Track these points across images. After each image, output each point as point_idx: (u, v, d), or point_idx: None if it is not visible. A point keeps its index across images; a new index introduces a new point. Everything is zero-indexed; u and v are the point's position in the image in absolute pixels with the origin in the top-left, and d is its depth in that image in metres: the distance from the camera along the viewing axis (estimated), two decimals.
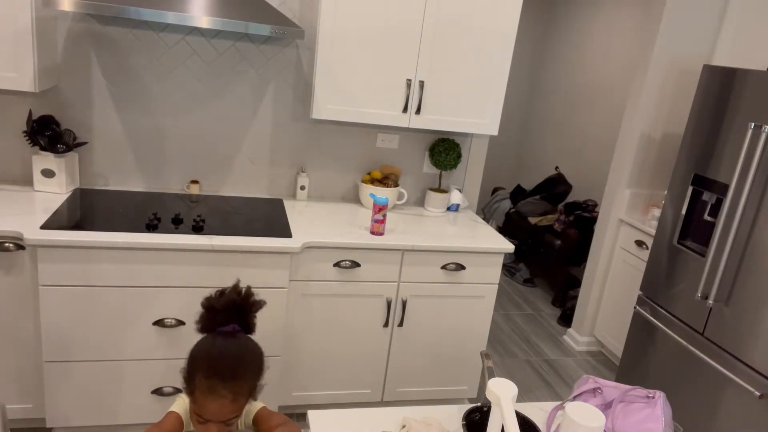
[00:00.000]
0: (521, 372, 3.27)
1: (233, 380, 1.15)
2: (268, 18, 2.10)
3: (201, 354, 1.18)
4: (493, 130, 2.61)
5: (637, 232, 3.23)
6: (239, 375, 1.16)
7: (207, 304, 1.23)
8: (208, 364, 1.16)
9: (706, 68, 2.53)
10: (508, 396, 1.13)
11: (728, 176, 2.38)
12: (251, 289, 1.27)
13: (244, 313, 1.24)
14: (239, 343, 1.21)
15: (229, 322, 1.21)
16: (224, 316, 1.21)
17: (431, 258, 2.42)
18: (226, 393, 1.13)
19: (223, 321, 1.21)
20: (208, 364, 1.16)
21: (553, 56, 5.39)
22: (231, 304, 1.22)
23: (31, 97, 2.39)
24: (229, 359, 1.17)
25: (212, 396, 1.13)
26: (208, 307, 1.22)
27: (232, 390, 1.14)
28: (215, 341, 1.20)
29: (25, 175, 2.47)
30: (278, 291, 2.24)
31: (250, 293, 1.26)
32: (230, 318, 1.22)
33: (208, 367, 1.15)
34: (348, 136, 2.79)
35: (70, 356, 2.10)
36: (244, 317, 1.24)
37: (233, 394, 1.14)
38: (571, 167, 4.93)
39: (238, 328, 1.22)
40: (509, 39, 2.49)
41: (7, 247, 1.98)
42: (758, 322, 2.20)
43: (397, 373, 2.57)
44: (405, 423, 1.34)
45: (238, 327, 1.22)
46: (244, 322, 1.24)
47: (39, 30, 2.10)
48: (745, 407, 2.24)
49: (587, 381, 1.46)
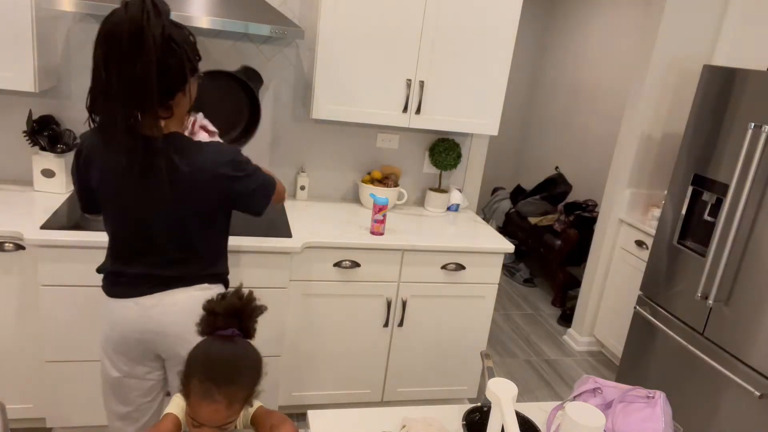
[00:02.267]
0: (521, 372, 3.27)
1: (228, 386, 1.14)
2: (268, 18, 2.10)
3: (198, 358, 1.17)
4: (493, 130, 2.61)
5: (637, 232, 3.23)
6: (235, 380, 1.15)
7: (208, 307, 1.23)
8: (204, 368, 1.15)
9: (706, 68, 2.53)
10: (508, 396, 1.13)
11: (728, 176, 2.38)
12: (253, 294, 1.27)
13: (244, 318, 1.23)
14: (237, 347, 1.20)
15: (229, 326, 1.21)
16: (224, 320, 1.21)
17: (431, 258, 2.42)
18: (221, 398, 1.13)
19: (222, 325, 1.20)
20: (204, 369, 1.15)
21: (553, 56, 5.39)
22: (232, 309, 1.22)
23: (31, 97, 2.39)
24: (226, 364, 1.17)
25: (207, 401, 1.13)
26: (209, 310, 1.22)
27: (227, 395, 1.13)
28: (213, 345, 1.19)
29: (25, 175, 2.47)
30: (278, 291, 2.24)
31: (251, 298, 1.25)
32: (230, 322, 1.21)
33: (203, 372, 1.14)
34: (348, 136, 2.79)
35: (70, 356, 2.10)
36: (244, 322, 1.23)
37: (228, 399, 1.13)
38: (571, 167, 4.93)
39: (237, 333, 1.21)
40: (509, 39, 2.49)
41: (7, 247, 1.98)
42: (758, 322, 2.20)
43: (397, 373, 2.57)
44: (405, 423, 1.34)
45: (238, 331, 1.22)
46: (245, 326, 1.24)
47: (39, 30, 2.10)
48: (745, 407, 2.24)
49: (587, 381, 1.46)
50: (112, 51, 1.30)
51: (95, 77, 1.34)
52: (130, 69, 1.29)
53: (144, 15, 1.29)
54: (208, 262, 1.56)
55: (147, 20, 1.29)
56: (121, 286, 1.51)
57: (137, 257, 1.49)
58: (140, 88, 1.31)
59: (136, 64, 1.29)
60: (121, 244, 1.51)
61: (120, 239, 1.50)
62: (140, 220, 1.46)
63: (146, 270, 1.49)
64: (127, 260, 1.50)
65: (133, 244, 1.49)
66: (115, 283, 1.52)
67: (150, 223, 1.46)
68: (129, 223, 1.47)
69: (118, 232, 1.50)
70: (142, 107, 1.35)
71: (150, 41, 1.29)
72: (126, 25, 1.28)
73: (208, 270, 1.56)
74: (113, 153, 1.40)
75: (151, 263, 1.49)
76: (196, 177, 1.43)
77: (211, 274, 1.57)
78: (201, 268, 1.54)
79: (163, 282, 1.50)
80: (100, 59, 1.32)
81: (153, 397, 1.64)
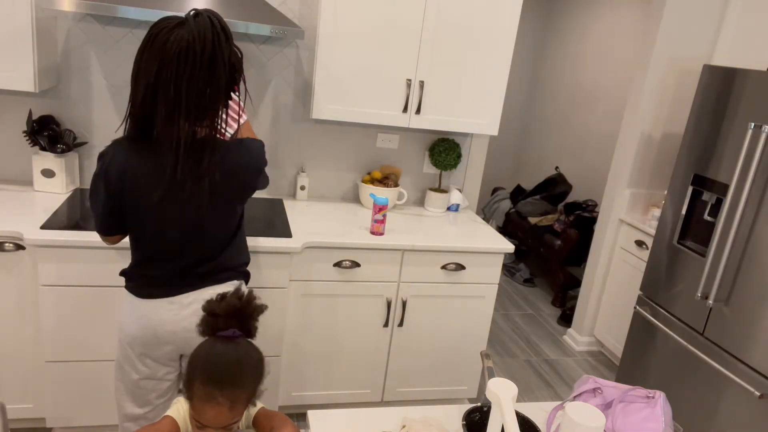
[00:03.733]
0: (521, 372, 3.27)
1: (231, 388, 1.14)
2: (268, 18, 2.10)
3: (199, 360, 1.17)
4: (493, 130, 2.61)
5: (637, 232, 3.23)
6: (237, 382, 1.15)
7: (208, 308, 1.22)
8: (206, 371, 1.15)
9: (706, 68, 2.53)
10: (508, 396, 1.13)
11: (728, 176, 2.38)
12: (253, 293, 1.26)
13: (245, 318, 1.23)
14: (238, 348, 1.19)
15: (229, 326, 1.20)
16: (225, 320, 1.20)
17: (431, 258, 2.42)
18: (224, 400, 1.12)
19: (223, 325, 1.20)
20: (205, 371, 1.14)
21: (553, 56, 5.39)
22: (232, 309, 1.21)
23: (31, 97, 2.39)
24: (228, 366, 1.16)
25: (210, 403, 1.12)
26: (209, 311, 1.22)
27: (230, 397, 1.13)
28: (214, 347, 1.18)
29: (25, 175, 2.47)
30: (278, 291, 2.24)
31: (251, 297, 1.25)
32: (231, 322, 1.21)
33: (205, 374, 1.14)
34: (348, 136, 2.80)
35: (70, 356, 2.10)
36: (245, 322, 1.23)
37: (231, 401, 1.13)
38: (571, 167, 4.93)
39: (238, 333, 1.21)
40: (509, 39, 2.49)
41: (7, 247, 1.98)
42: (758, 322, 2.20)
43: (397, 373, 2.57)
44: (405, 423, 1.34)
45: (239, 331, 1.21)
46: (246, 326, 1.23)
47: (39, 30, 2.10)
48: (745, 407, 2.24)
49: (587, 381, 1.46)
50: (182, 69, 1.32)
51: (160, 92, 1.33)
52: (201, 88, 1.34)
53: (215, 38, 1.34)
54: (236, 250, 1.61)
55: (218, 43, 1.34)
56: (156, 287, 1.52)
57: (174, 257, 1.51)
58: (206, 108, 1.37)
59: (207, 87, 1.35)
60: (158, 248, 1.50)
61: (157, 243, 1.50)
62: (186, 222, 1.47)
63: (182, 268, 1.51)
64: (162, 261, 1.51)
65: (171, 246, 1.50)
66: (149, 284, 1.52)
67: (195, 223, 1.48)
68: (171, 227, 1.48)
69: (156, 237, 1.49)
70: (203, 121, 1.39)
71: (221, 66, 1.35)
72: (199, 45, 1.31)
73: (237, 260, 1.61)
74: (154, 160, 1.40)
75: (188, 261, 1.51)
76: (235, 174, 1.48)
77: (241, 263, 1.62)
78: (231, 258, 1.59)
79: (198, 278, 1.53)
80: (170, 75, 1.32)
81: (169, 397, 1.64)
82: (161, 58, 1.31)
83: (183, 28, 1.32)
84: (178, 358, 1.60)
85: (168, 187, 1.41)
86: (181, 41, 1.31)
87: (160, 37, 1.32)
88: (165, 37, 1.31)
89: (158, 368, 1.58)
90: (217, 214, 1.51)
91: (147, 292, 1.52)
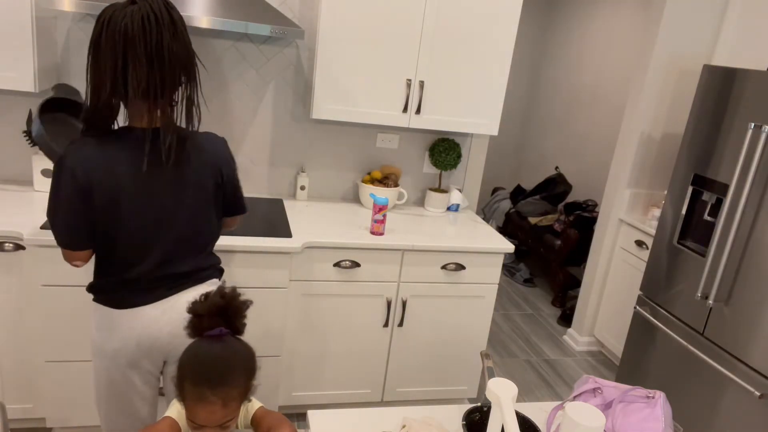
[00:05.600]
0: (521, 372, 3.27)
1: (222, 386, 1.13)
2: (268, 18, 2.10)
3: (187, 361, 1.16)
4: (493, 130, 2.61)
5: (637, 232, 3.23)
6: (227, 380, 1.14)
7: (192, 309, 1.21)
8: (195, 371, 1.14)
9: (706, 68, 2.53)
10: (508, 396, 1.13)
11: (728, 176, 2.38)
12: (236, 290, 1.25)
13: (230, 316, 1.22)
14: (225, 346, 1.19)
15: (215, 325, 1.19)
16: (209, 320, 1.19)
17: (431, 258, 2.42)
18: (216, 399, 1.12)
19: (209, 325, 1.19)
20: (194, 372, 1.14)
21: (553, 56, 5.39)
22: (215, 308, 1.20)
23: (31, 97, 2.39)
24: (216, 365, 1.15)
25: (202, 403, 1.12)
26: (194, 312, 1.21)
27: (221, 396, 1.13)
28: (201, 347, 1.18)
29: (25, 175, 2.47)
30: (278, 291, 2.24)
31: (234, 294, 1.23)
32: (216, 321, 1.20)
33: (195, 375, 1.13)
34: (348, 136, 2.79)
35: (70, 356, 2.10)
36: (231, 319, 1.22)
37: (222, 399, 1.13)
38: (571, 167, 4.93)
39: (225, 331, 1.20)
40: (509, 39, 2.49)
41: (7, 247, 1.97)
42: (758, 322, 2.20)
43: (397, 373, 2.57)
44: (405, 423, 1.34)
45: (226, 330, 1.21)
46: (232, 324, 1.22)
47: (39, 30, 2.10)
48: (745, 407, 2.24)
49: (587, 381, 1.46)
50: (149, 36, 1.28)
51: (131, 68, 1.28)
52: (174, 50, 1.31)
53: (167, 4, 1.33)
54: (211, 248, 1.58)
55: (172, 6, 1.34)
56: (138, 294, 1.44)
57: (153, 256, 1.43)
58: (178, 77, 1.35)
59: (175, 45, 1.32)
60: (137, 247, 1.42)
61: (137, 240, 1.41)
62: (160, 216, 1.41)
63: (161, 271, 1.44)
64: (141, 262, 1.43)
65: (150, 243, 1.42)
66: (130, 293, 1.44)
67: (171, 217, 1.43)
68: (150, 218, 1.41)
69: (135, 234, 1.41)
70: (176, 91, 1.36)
71: (180, 23, 1.34)
72: (158, 10, 1.29)
73: (214, 257, 1.58)
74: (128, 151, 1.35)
75: (165, 262, 1.44)
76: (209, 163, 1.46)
77: (217, 260, 1.59)
78: (210, 255, 1.56)
79: (179, 279, 1.47)
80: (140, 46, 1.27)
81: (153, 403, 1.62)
82: (125, 33, 1.26)
83: (135, 5, 1.29)
84: (162, 364, 1.54)
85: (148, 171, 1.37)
86: (142, 10, 1.28)
87: (116, 16, 1.28)
88: (121, 14, 1.28)
89: (148, 377, 1.52)
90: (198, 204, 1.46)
91: (129, 302, 1.43)
